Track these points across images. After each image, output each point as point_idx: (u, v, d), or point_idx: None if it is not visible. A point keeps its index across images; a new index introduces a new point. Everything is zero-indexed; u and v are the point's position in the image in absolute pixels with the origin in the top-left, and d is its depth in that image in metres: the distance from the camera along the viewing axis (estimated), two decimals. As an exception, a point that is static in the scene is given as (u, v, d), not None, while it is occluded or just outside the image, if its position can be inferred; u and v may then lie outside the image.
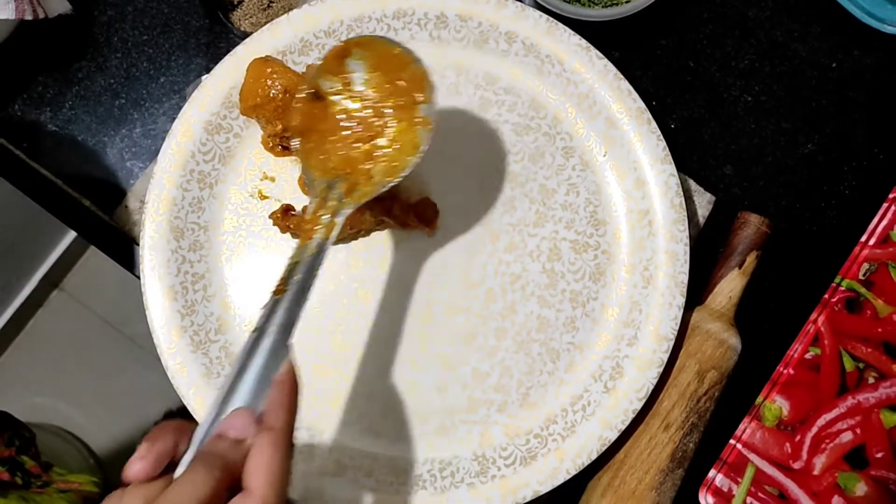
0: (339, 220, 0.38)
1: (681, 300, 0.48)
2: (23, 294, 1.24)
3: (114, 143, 0.55)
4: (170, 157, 0.49)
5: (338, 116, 0.41)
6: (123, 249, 0.55)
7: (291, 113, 0.41)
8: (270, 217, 0.47)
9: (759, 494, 0.47)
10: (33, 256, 1.23)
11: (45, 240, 1.23)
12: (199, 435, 0.30)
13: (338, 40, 0.50)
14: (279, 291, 0.34)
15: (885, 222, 0.49)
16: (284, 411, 0.31)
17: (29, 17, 0.50)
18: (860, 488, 0.46)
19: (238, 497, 0.29)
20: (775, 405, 0.48)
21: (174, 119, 0.50)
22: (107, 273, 1.28)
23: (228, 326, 0.49)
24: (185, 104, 0.49)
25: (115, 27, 0.56)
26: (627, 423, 0.47)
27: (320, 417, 0.48)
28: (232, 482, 0.29)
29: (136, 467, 0.29)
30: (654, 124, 0.49)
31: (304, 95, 0.40)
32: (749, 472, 0.47)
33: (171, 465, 0.30)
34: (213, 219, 0.50)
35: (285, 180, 0.50)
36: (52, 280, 1.28)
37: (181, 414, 1.21)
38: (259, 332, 0.33)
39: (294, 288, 0.34)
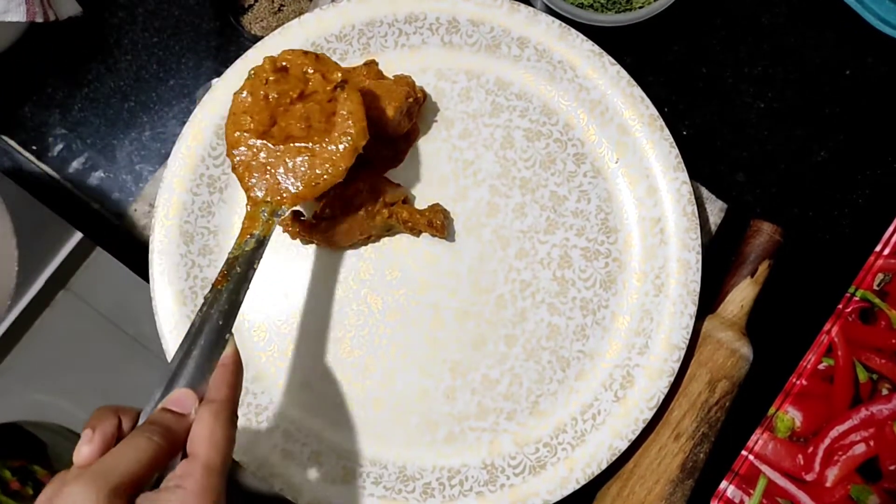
0: (276, 219, 0.40)
1: (692, 309, 0.47)
2: (29, 294, 1.24)
3: (123, 145, 0.55)
4: (180, 160, 0.49)
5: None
6: (132, 253, 0.55)
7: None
8: (279, 223, 0.47)
9: (771, 506, 0.46)
10: (40, 256, 1.23)
11: (51, 240, 1.23)
12: (144, 415, 0.32)
13: (349, 45, 0.50)
14: (220, 283, 0.37)
15: (899, 232, 0.49)
16: (227, 387, 0.34)
17: (39, 19, 0.50)
18: (873, 501, 0.45)
19: (183, 462, 0.31)
20: (788, 416, 0.47)
21: (184, 122, 0.49)
22: (113, 274, 1.28)
23: (236, 331, 0.48)
24: (196, 108, 0.49)
25: (125, 29, 0.56)
26: (637, 432, 0.47)
27: (328, 424, 0.48)
28: (175, 452, 0.31)
29: (84, 451, 0.30)
30: (666, 131, 0.49)
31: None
32: (761, 484, 0.47)
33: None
34: (223, 223, 0.49)
35: (295, 185, 0.50)
36: (59, 280, 1.28)
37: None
38: (202, 319, 0.35)
39: (234, 279, 0.37)
